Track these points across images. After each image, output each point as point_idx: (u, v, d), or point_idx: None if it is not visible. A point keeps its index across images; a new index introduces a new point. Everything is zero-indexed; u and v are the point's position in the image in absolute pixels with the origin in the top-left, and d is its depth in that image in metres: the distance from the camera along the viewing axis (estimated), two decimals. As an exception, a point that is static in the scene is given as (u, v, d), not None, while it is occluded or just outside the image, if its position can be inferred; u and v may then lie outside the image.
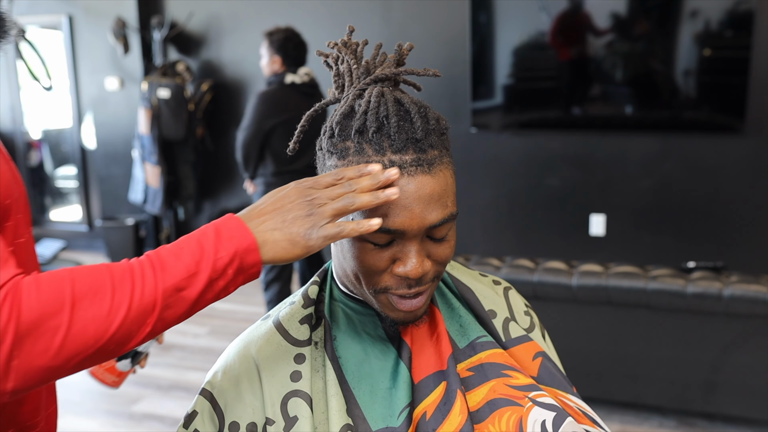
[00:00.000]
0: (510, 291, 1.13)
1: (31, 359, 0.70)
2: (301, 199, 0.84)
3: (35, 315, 0.70)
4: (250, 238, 0.81)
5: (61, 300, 0.72)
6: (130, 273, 0.77)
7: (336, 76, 0.98)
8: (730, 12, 3.93)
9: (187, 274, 0.78)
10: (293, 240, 0.82)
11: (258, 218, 0.83)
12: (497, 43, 4.43)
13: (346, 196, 0.84)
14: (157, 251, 0.80)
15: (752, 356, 2.79)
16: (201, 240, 0.80)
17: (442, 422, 0.92)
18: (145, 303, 0.76)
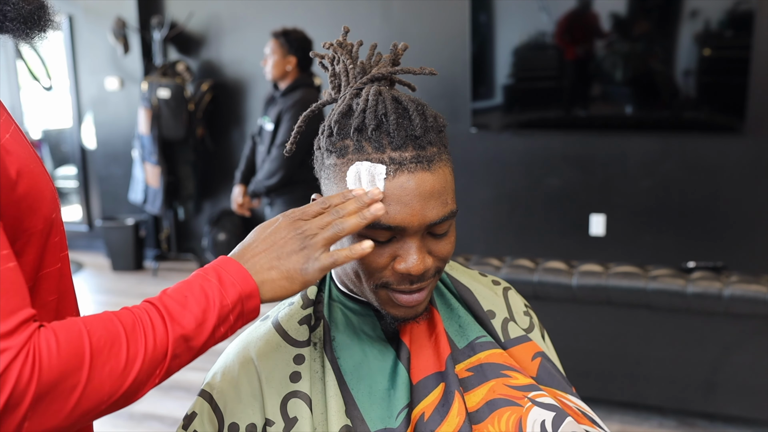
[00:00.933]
0: (509, 291, 1.13)
1: (45, 420, 0.67)
2: (293, 233, 0.84)
3: (55, 375, 0.67)
4: (251, 283, 0.81)
5: (80, 357, 0.69)
6: (141, 324, 0.75)
7: (332, 77, 0.99)
8: (730, 12, 3.93)
9: (196, 323, 0.77)
10: (290, 277, 0.82)
11: (253, 258, 0.83)
12: (497, 43, 4.43)
13: (334, 223, 0.84)
14: (161, 299, 0.78)
15: (752, 356, 2.80)
16: (204, 287, 0.79)
17: (440, 423, 0.92)
18: (157, 355, 0.75)
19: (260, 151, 3.73)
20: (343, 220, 0.84)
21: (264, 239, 0.84)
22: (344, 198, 0.86)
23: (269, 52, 3.59)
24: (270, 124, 3.64)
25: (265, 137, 3.69)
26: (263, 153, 3.68)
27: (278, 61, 3.57)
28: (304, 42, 3.59)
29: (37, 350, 0.67)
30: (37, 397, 0.66)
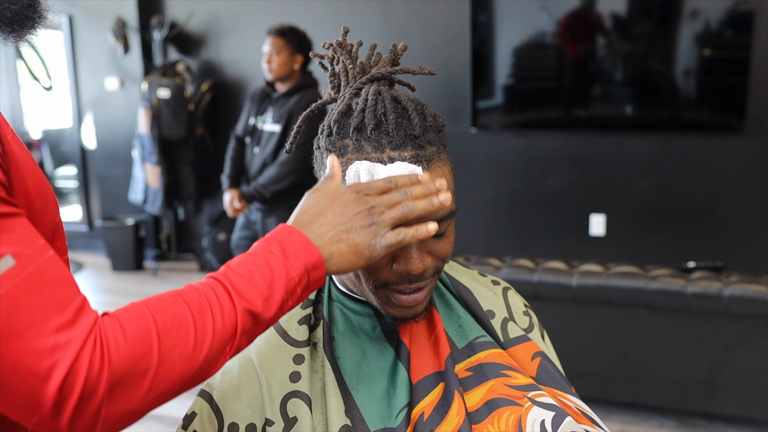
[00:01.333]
0: (509, 291, 1.13)
1: (120, 405, 0.67)
2: (361, 207, 0.82)
3: (126, 362, 0.67)
4: (316, 254, 0.79)
5: (149, 342, 0.69)
6: (207, 303, 0.74)
7: (332, 77, 0.99)
8: (730, 12, 3.93)
9: (262, 298, 0.76)
10: (358, 251, 0.81)
11: (320, 230, 0.81)
12: (497, 43, 4.43)
13: (404, 204, 0.83)
14: (226, 274, 0.77)
15: (752, 356, 2.80)
16: (269, 260, 0.77)
17: (440, 423, 0.92)
18: (226, 332, 0.74)
19: (255, 153, 3.58)
20: (413, 202, 0.83)
21: (332, 210, 0.82)
22: (411, 181, 0.85)
23: (272, 50, 3.45)
24: (274, 125, 3.49)
25: (266, 139, 3.53)
26: (262, 155, 3.54)
27: (286, 60, 3.45)
28: (308, 41, 3.52)
29: (104, 338, 0.67)
30: (111, 385, 0.66)
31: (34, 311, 0.64)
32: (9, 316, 0.62)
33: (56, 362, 0.63)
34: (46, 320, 0.64)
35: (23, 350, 0.63)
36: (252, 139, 3.61)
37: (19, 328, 0.63)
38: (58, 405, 0.63)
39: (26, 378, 0.63)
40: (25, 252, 0.65)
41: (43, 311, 0.64)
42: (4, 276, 0.63)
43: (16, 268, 0.64)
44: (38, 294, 0.64)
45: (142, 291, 4.98)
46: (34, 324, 0.63)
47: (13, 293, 0.63)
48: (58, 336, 0.64)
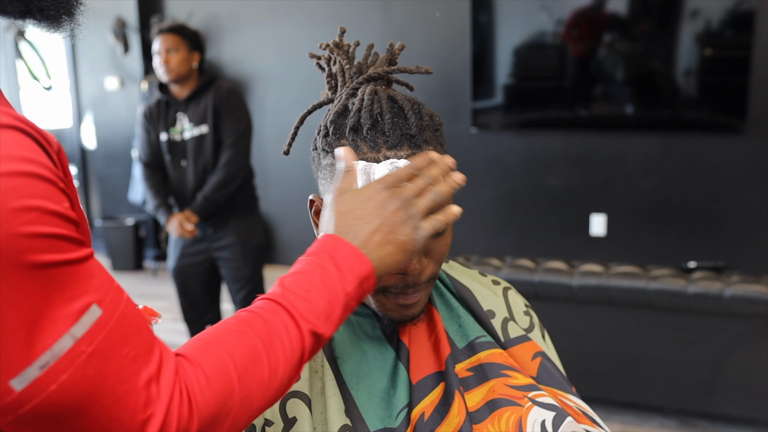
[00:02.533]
0: (509, 291, 1.13)
1: None
2: (398, 203, 0.80)
3: (212, 408, 0.66)
4: (367, 265, 0.77)
5: (230, 384, 0.67)
6: (275, 331, 0.72)
7: (329, 77, 0.99)
8: (731, 12, 3.93)
9: (323, 318, 0.75)
10: (404, 249, 0.80)
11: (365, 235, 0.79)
12: (497, 42, 4.43)
13: (431, 190, 0.82)
14: (285, 296, 0.75)
15: (753, 356, 2.80)
16: (325, 279, 0.76)
17: (440, 423, 0.92)
18: (295, 358, 0.73)
19: (184, 166, 3.21)
20: (437, 186, 0.82)
21: (372, 212, 0.80)
22: (428, 161, 0.84)
23: (168, 48, 3.15)
24: (198, 127, 3.17)
25: (195, 146, 3.18)
26: (196, 164, 3.19)
27: (185, 57, 3.16)
28: (201, 37, 3.28)
29: (189, 388, 0.65)
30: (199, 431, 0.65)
31: (124, 363, 0.61)
32: (102, 371, 0.60)
33: (150, 416, 0.61)
34: (136, 373, 0.62)
35: (118, 407, 0.60)
36: (173, 155, 3.21)
37: (112, 384, 0.60)
38: None
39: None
40: (107, 298, 0.62)
41: (133, 362, 0.62)
42: (94, 329, 0.59)
43: (104, 319, 0.61)
44: (126, 344, 0.62)
45: (142, 291, 4.98)
46: (126, 377, 0.61)
47: (104, 346, 0.60)
48: (149, 389, 0.62)
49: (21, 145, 0.59)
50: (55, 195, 0.60)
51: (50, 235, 0.58)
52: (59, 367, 0.57)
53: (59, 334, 0.57)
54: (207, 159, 3.18)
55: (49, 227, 0.58)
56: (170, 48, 3.15)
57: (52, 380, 0.57)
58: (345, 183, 0.84)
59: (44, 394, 0.57)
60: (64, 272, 0.59)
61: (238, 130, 3.19)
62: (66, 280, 0.59)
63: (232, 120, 3.18)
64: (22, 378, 0.56)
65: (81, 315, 0.59)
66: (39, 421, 0.58)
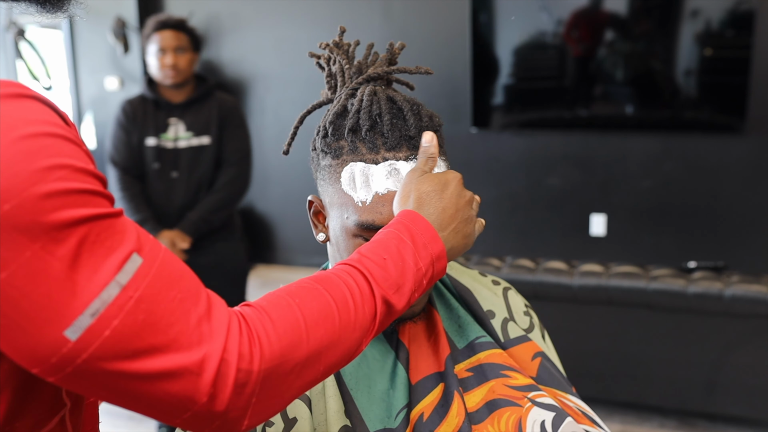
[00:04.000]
0: (509, 291, 1.13)
1: (271, 395, 0.67)
2: (467, 197, 0.86)
3: (278, 354, 0.66)
4: (440, 244, 0.80)
5: (298, 333, 0.68)
6: (350, 292, 0.73)
7: (328, 77, 0.99)
8: (731, 12, 3.93)
9: (396, 287, 0.76)
10: (467, 241, 0.85)
11: (442, 220, 0.82)
12: (498, 42, 4.44)
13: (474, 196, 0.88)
14: (361, 261, 0.76)
15: (753, 356, 2.80)
16: (401, 249, 0.77)
17: (439, 424, 0.92)
18: (366, 320, 0.74)
19: (174, 178, 2.87)
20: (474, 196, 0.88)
21: (450, 200, 0.84)
22: None
23: (174, 47, 2.86)
24: (197, 137, 2.87)
25: (190, 157, 2.86)
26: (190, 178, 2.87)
27: (191, 60, 2.93)
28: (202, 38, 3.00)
29: (254, 329, 0.66)
30: (264, 376, 0.65)
31: (173, 306, 0.62)
32: (152, 315, 0.61)
33: (206, 355, 0.62)
34: (186, 314, 0.63)
35: (172, 347, 0.61)
36: (163, 163, 2.85)
37: (164, 326, 0.61)
38: (212, 397, 0.62)
39: (180, 375, 0.61)
40: (145, 248, 0.63)
41: (181, 305, 0.63)
42: (138, 275, 0.61)
43: (146, 266, 0.62)
44: (172, 288, 0.63)
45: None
46: (176, 319, 0.62)
47: (150, 292, 0.61)
48: (200, 328, 0.63)
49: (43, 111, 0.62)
50: (80, 155, 0.62)
51: (82, 191, 0.60)
52: (109, 313, 0.59)
53: (105, 283, 0.59)
54: (203, 173, 2.87)
55: (81, 183, 0.60)
56: (178, 46, 2.87)
57: (104, 327, 0.59)
58: (426, 166, 0.87)
59: (98, 342, 0.59)
60: (101, 225, 0.61)
61: (244, 149, 2.95)
62: (104, 232, 0.61)
63: (238, 136, 2.93)
64: (75, 327, 0.58)
65: (123, 264, 0.60)
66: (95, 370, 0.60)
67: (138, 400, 0.63)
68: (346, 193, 0.89)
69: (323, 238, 0.98)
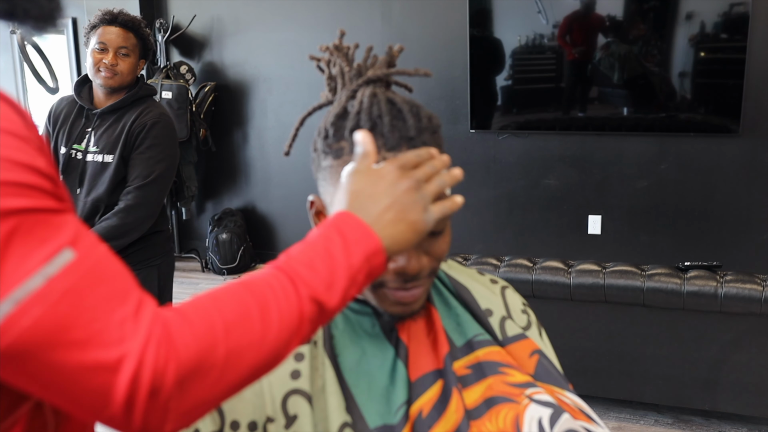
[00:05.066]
0: (507, 290, 1.13)
1: (190, 399, 0.66)
2: (409, 183, 0.81)
3: (193, 354, 0.65)
4: (375, 240, 0.77)
5: (214, 335, 0.67)
6: (272, 292, 0.72)
7: (328, 79, 0.99)
8: (726, 15, 3.95)
9: (325, 285, 0.74)
10: (416, 228, 0.80)
11: (376, 213, 0.79)
12: (496, 45, 4.45)
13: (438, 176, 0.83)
14: (287, 263, 0.75)
15: (747, 354, 2.81)
16: (329, 248, 0.75)
17: (438, 420, 0.92)
18: (292, 321, 0.72)
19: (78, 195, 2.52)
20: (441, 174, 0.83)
21: (384, 191, 0.80)
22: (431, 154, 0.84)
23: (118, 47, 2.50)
24: (102, 155, 2.49)
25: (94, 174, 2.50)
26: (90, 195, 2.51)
27: (134, 66, 2.54)
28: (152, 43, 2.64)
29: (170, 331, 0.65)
30: (180, 379, 0.64)
31: (98, 302, 0.63)
32: (75, 308, 0.61)
33: (125, 354, 0.62)
34: (110, 312, 0.63)
35: (92, 343, 0.61)
36: (68, 175, 2.52)
37: (85, 321, 0.61)
38: (130, 397, 0.62)
39: (96, 371, 0.61)
40: (82, 244, 0.64)
41: (107, 302, 0.63)
42: (67, 270, 0.62)
43: (77, 261, 0.62)
44: (101, 286, 0.63)
45: (145, 290, 5.00)
46: (100, 316, 0.62)
47: (77, 287, 0.62)
48: (123, 327, 0.63)
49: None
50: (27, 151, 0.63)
51: (20, 184, 0.61)
52: (32, 302, 0.59)
53: (30, 272, 0.60)
54: (100, 196, 2.49)
55: (20, 176, 0.61)
56: (123, 47, 2.50)
57: (25, 315, 0.59)
58: (360, 165, 0.84)
59: (18, 330, 0.59)
60: (35, 218, 0.61)
61: (150, 173, 2.47)
62: (38, 225, 0.61)
63: (146, 158, 2.47)
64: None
65: (52, 256, 0.61)
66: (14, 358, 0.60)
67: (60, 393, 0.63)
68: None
69: None
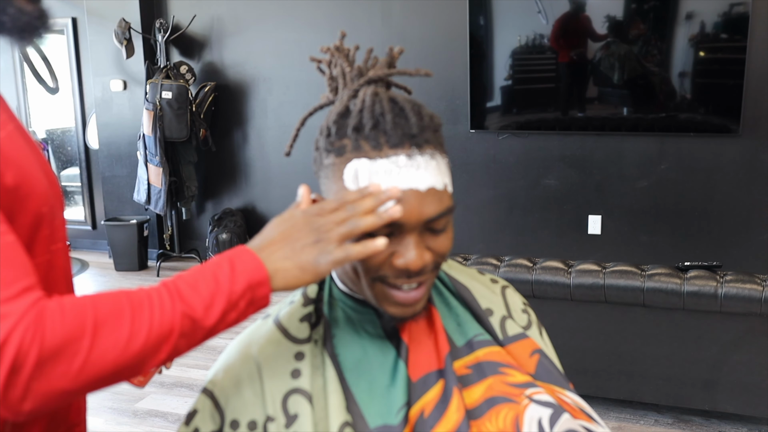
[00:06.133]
0: (507, 289, 1.14)
1: (51, 382, 0.72)
2: (309, 227, 0.87)
3: (58, 340, 0.71)
4: (262, 271, 0.83)
5: (83, 326, 0.73)
6: (148, 301, 0.78)
7: (330, 80, 1.00)
8: (726, 15, 3.95)
9: (203, 306, 0.80)
10: (303, 267, 0.85)
11: (269, 248, 0.86)
12: (496, 44, 4.46)
13: (351, 220, 0.86)
14: (174, 282, 0.82)
15: (747, 354, 2.81)
16: (216, 273, 0.82)
17: (439, 420, 0.92)
18: (162, 331, 0.78)
19: None
20: (360, 218, 0.86)
21: (282, 232, 0.87)
22: (361, 194, 0.87)
23: None
24: None
25: None
26: None
27: None
28: None
29: (41, 316, 0.72)
30: (40, 360, 0.70)
31: None
32: None
33: None
34: None
35: None
36: None
37: None
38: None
39: None
40: None
41: None
42: None
43: None
44: None
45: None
46: None
47: None
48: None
49: None
50: None
51: None
52: None
53: None
54: None
55: None
56: None
57: None
58: (287, 210, 0.91)
59: None
60: None
61: None
62: None
63: None
64: None
65: None
66: None
67: None
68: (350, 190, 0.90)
69: None
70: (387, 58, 0.99)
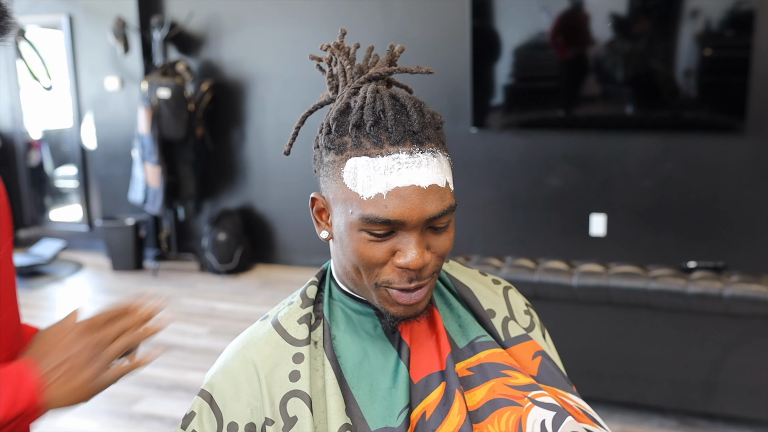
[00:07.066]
0: (510, 290, 1.13)
1: None
2: (83, 345, 0.90)
3: None
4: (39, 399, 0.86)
5: None
6: None
7: (330, 78, 1.00)
8: (731, 12, 3.94)
9: None
10: (82, 389, 0.90)
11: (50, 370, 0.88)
12: (497, 43, 4.44)
13: (126, 335, 0.92)
14: None
15: (753, 356, 2.80)
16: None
17: (441, 422, 0.92)
18: None
19: None
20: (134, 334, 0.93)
21: (60, 349, 0.90)
22: (133, 306, 0.95)
23: None
24: None
25: None
26: None
27: None
28: None
29: None
30: None
31: None
32: None
33: None
34: None
35: None
36: None
37: None
38: None
39: None
40: None
41: None
42: None
43: None
44: None
45: (142, 291, 4.98)
46: None
47: None
48: None
49: None
50: None
51: None
52: None
53: None
54: None
55: None
56: None
57: None
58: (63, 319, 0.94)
59: None
60: None
61: None
62: None
63: None
64: None
65: None
66: None
67: None
68: (350, 188, 0.90)
69: (326, 236, 0.98)
70: (388, 56, 0.99)
